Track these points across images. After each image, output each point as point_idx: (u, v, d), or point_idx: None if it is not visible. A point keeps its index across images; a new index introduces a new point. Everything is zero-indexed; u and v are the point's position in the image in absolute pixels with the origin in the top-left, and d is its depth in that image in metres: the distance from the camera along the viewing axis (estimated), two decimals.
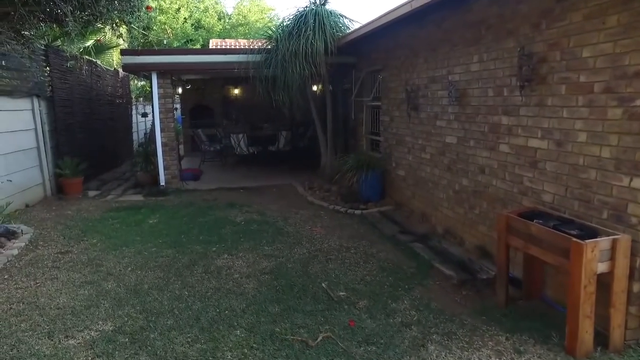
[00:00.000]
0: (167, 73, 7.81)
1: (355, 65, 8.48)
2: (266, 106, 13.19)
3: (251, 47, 7.80)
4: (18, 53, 5.52)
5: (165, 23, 22.88)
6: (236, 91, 13.38)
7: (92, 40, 8.88)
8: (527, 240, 3.32)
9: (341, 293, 4.00)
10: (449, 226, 5.38)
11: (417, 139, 6.15)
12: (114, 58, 10.93)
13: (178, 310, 3.66)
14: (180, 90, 11.88)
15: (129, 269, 4.53)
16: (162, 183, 8.16)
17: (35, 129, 7.48)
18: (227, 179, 9.32)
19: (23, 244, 5.13)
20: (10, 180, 6.63)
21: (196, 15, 25.50)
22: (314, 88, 8.98)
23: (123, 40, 9.24)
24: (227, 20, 27.05)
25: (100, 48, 9.06)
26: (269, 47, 7.66)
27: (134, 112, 14.02)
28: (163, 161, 8.11)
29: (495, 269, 3.96)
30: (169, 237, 5.59)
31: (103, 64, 10.39)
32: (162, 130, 8.00)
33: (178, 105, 25.36)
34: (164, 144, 8.07)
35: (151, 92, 7.87)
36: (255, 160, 10.73)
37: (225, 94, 13.01)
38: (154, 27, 21.28)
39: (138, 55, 7.48)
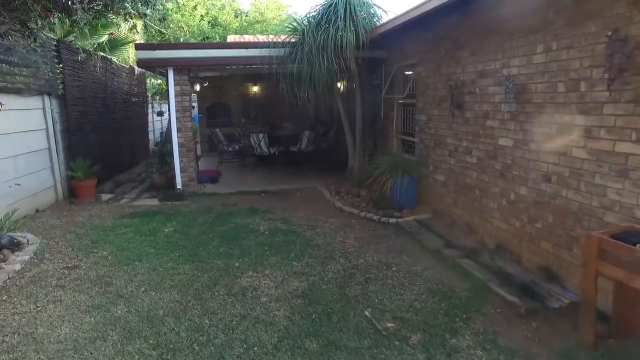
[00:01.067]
0: (184, 69, 7.26)
1: (386, 60, 7.82)
2: (286, 104, 12.75)
3: (274, 41, 7.20)
4: (24, 47, 5.01)
5: (181, 21, 22.50)
6: (255, 89, 12.84)
7: (106, 36, 8.39)
8: (632, 270, 2.64)
9: (389, 324, 3.36)
10: (502, 240, 4.70)
11: (461, 141, 5.47)
12: (130, 54, 10.46)
13: (198, 346, 3.08)
14: (197, 87, 11.38)
15: (142, 289, 3.98)
16: (179, 186, 7.63)
17: (47, 129, 7.02)
18: (246, 182, 8.76)
19: (27, 257, 4.62)
20: (19, 184, 6.16)
21: (213, 12, 25.06)
22: (339, 85, 8.33)
23: (139, 36, 8.73)
24: (244, 18, 26.55)
25: (115, 44, 8.57)
26: (294, 40, 7.05)
27: (149, 110, 13.56)
28: (180, 163, 7.58)
29: (579, 299, 3.27)
30: (186, 249, 5.03)
31: (119, 61, 9.92)
32: (178, 130, 7.46)
33: (195, 104, 25.14)
34: (180, 145, 7.54)
35: (167, 89, 7.34)
36: (275, 161, 10.14)
37: (243, 91, 12.46)
38: (171, 25, 20.91)
39: (154, 49, 6.95)
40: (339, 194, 7.41)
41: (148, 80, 14.27)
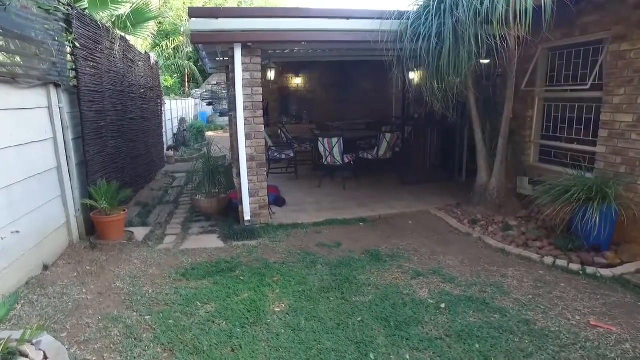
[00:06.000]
0: (257, 48, 4.82)
1: (520, 39, 5.54)
2: (334, 100, 10.50)
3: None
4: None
5: (181, 9, 19.57)
6: (297, 81, 10.38)
7: (129, 4, 5.80)
8: None
9: None
10: None
11: None
12: (146, 37, 7.80)
13: None
14: (272, 74, 8.82)
15: None
16: (247, 217, 5.18)
17: (55, 139, 4.46)
18: (321, 203, 6.37)
19: None
20: (18, 231, 3.64)
21: None
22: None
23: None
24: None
25: (140, 17, 5.99)
26: (425, 3, 4.67)
27: (163, 109, 10.91)
28: (248, 184, 5.13)
29: None
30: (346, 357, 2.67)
31: (140, 45, 7.32)
32: (247, 137, 5.00)
33: (198, 98, 22.08)
34: (249, 158, 5.08)
35: (232, 76, 4.87)
36: (343, 172, 7.70)
37: (283, 84, 9.99)
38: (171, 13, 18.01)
39: (217, 17, 4.47)
40: (477, 224, 5.13)
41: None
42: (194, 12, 4.49)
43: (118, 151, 6.32)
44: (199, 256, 4.49)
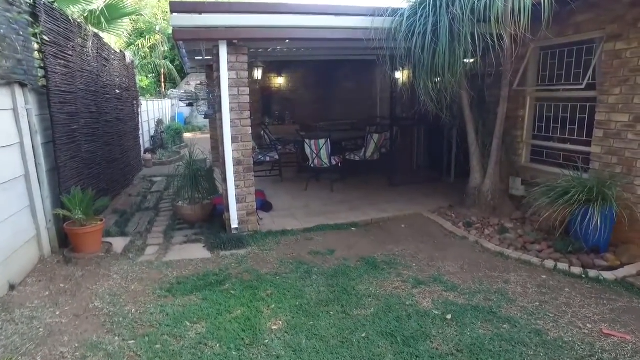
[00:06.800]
0: (244, 46, 4.52)
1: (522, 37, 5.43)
2: (318, 100, 10.22)
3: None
4: None
5: (156, 7, 18.93)
6: (280, 81, 10.05)
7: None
8: None
9: None
10: None
11: None
12: (121, 34, 7.33)
13: None
14: (259, 74, 8.48)
15: None
16: (235, 225, 4.87)
17: (22, 144, 4.04)
18: (310, 207, 6.11)
19: None
20: None
21: None
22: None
23: None
24: None
25: (114, 12, 5.57)
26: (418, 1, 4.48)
27: (140, 110, 10.41)
28: (235, 189, 4.82)
29: None
30: None
31: (114, 42, 6.86)
32: (234, 140, 4.69)
33: (175, 98, 21.25)
34: (236, 162, 4.78)
35: (217, 76, 4.55)
36: (330, 174, 7.45)
37: (265, 84, 9.66)
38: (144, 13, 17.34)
39: (201, 12, 4.13)
40: (472, 227, 4.98)
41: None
42: (176, 7, 4.16)
43: (93, 156, 5.90)
44: (185, 268, 4.16)
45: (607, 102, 4.38)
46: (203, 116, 10.20)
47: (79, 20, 5.26)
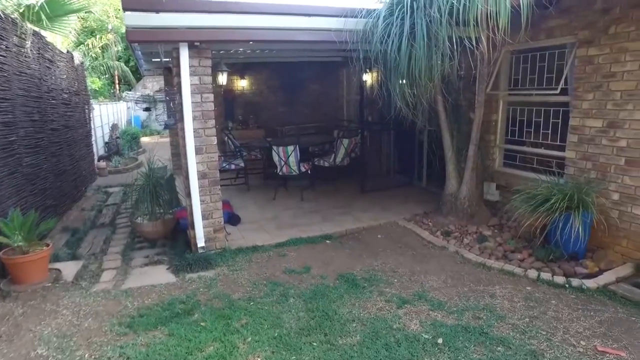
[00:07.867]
0: (207, 49, 4.10)
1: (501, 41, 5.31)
2: (284, 104, 9.82)
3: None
4: None
5: (107, 4, 17.76)
6: (243, 84, 9.57)
7: None
8: None
9: None
10: None
11: None
12: (67, 33, 6.61)
13: None
14: (223, 79, 7.95)
15: None
16: (201, 244, 4.45)
17: None
18: (280, 218, 5.76)
19: None
20: None
21: None
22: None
23: None
24: None
25: (57, 9, 4.94)
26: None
27: (92, 115, 9.61)
28: (201, 204, 4.39)
29: None
30: None
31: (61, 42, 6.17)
32: (197, 152, 4.27)
33: (131, 101, 20.05)
34: (201, 175, 4.35)
35: (178, 82, 4.10)
36: (299, 182, 7.13)
37: (226, 87, 9.15)
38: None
39: (158, 11, 3.66)
40: (450, 236, 4.83)
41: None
42: (129, 4, 3.68)
43: (37, 170, 5.26)
44: (147, 297, 3.71)
45: (581, 108, 4.34)
46: (163, 127, 9.54)
47: (12, 16, 4.62)
